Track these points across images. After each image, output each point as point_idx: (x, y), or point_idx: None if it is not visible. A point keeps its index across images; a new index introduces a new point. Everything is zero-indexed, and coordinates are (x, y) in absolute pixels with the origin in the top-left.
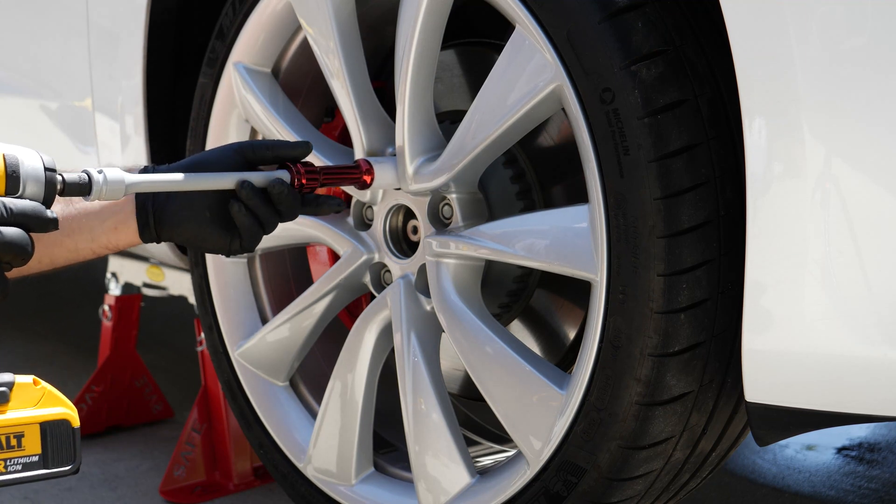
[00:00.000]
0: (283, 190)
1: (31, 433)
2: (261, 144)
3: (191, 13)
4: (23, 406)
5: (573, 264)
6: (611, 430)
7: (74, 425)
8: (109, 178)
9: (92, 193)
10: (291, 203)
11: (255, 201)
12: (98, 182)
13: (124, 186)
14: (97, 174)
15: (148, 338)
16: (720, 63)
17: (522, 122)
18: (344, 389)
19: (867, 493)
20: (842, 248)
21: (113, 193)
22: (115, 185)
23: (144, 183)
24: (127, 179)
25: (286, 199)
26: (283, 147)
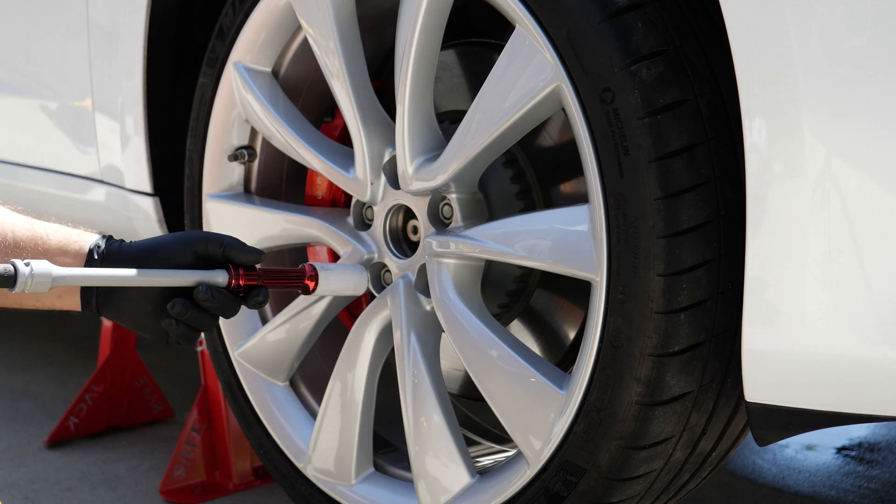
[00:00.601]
0: (209, 297)
1: None
2: (215, 240)
3: (191, 13)
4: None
5: (573, 264)
6: (611, 430)
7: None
8: (36, 272)
9: (16, 286)
10: (223, 306)
11: (188, 314)
12: (24, 274)
13: (51, 280)
14: (23, 267)
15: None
16: (720, 63)
17: (522, 123)
18: (344, 389)
19: (867, 493)
20: (842, 247)
21: (38, 287)
22: (41, 279)
23: (71, 278)
24: (54, 273)
25: (217, 304)
26: (234, 249)
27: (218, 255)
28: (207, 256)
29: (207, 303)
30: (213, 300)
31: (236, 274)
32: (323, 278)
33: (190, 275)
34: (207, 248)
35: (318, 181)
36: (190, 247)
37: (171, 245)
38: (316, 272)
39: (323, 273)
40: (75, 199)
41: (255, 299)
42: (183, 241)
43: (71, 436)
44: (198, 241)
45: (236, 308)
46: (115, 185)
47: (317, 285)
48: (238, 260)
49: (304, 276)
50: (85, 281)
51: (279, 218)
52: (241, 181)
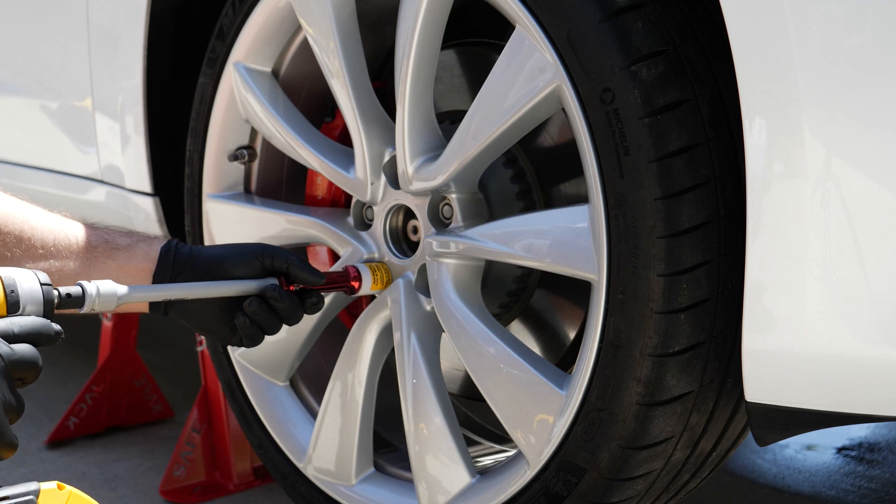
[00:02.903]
0: (278, 296)
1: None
2: (282, 257)
3: (191, 13)
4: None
5: (573, 264)
6: (611, 430)
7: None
8: (102, 291)
9: (85, 306)
10: (290, 308)
11: (262, 314)
12: (91, 295)
13: (116, 298)
14: (91, 287)
15: (148, 338)
16: (720, 63)
17: (522, 123)
18: (344, 389)
19: (867, 493)
20: (842, 247)
21: (105, 305)
22: (108, 298)
23: (136, 295)
24: (119, 292)
25: (285, 305)
26: (297, 268)
27: (282, 270)
28: (272, 270)
29: (277, 302)
30: (282, 300)
31: (288, 282)
32: (366, 278)
33: (248, 285)
34: (273, 263)
35: (318, 181)
36: (258, 258)
37: (239, 255)
38: (359, 273)
39: (365, 273)
40: (75, 199)
41: (310, 302)
42: (252, 252)
43: (71, 436)
44: (265, 255)
45: (300, 312)
46: (116, 185)
47: (361, 285)
48: (299, 279)
49: (349, 278)
50: (149, 298)
51: (279, 218)
52: (241, 181)
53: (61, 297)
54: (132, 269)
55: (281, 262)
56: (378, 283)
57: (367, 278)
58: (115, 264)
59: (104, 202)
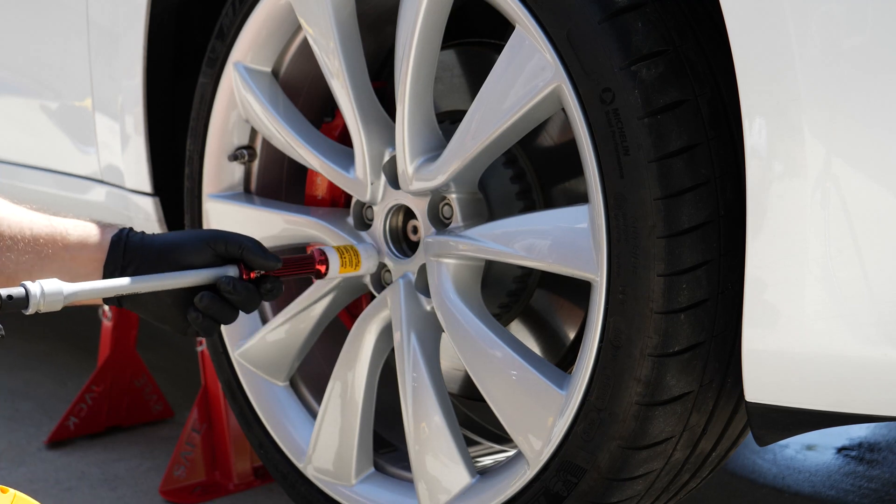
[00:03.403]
0: (231, 289)
1: None
2: (234, 242)
3: (191, 13)
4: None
5: (573, 264)
6: (611, 430)
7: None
8: (47, 291)
9: (29, 307)
10: (245, 298)
11: (214, 307)
12: (35, 296)
13: (62, 298)
14: (34, 288)
15: (148, 338)
16: (720, 63)
17: (522, 123)
18: (344, 389)
19: (867, 493)
20: (842, 247)
21: (51, 305)
22: (53, 298)
23: (83, 293)
24: (65, 290)
25: (240, 296)
26: (252, 253)
27: (236, 256)
28: (226, 256)
29: (231, 294)
30: (237, 292)
31: (247, 269)
32: (332, 260)
33: (201, 274)
34: (227, 249)
35: (318, 181)
36: (210, 245)
37: (192, 243)
38: (325, 255)
39: (332, 255)
40: (75, 199)
41: (265, 288)
42: (204, 239)
43: (71, 436)
44: (218, 241)
45: (256, 300)
46: (116, 185)
47: (328, 268)
48: (254, 265)
49: (315, 262)
50: (96, 294)
51: (279, 218)
52: (241, 181)
53: (2, 299)
54: (84, 259)
55: (234, 247)
56: (347, 265)
57: (334, 261)
58: (68, 255)
59: (104, 202)
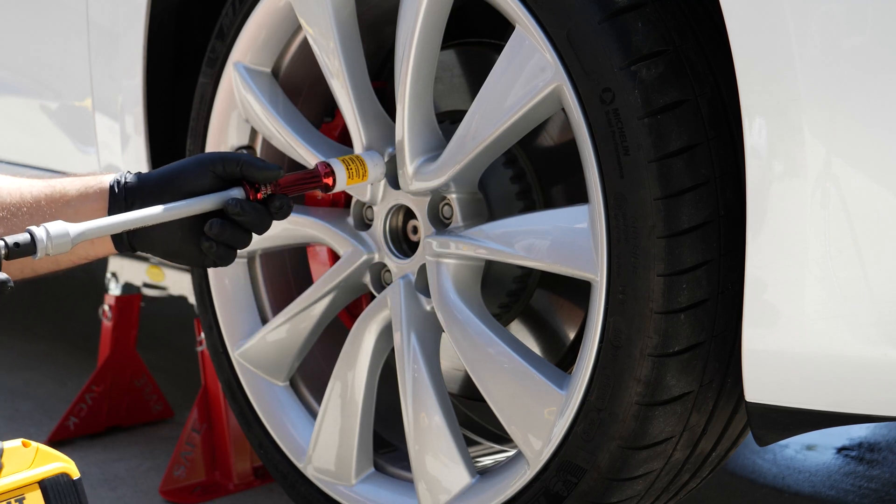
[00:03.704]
0: (240, 210)
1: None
2: (232, 160)
3: (191, 13)
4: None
5: (573, 264)
6: (611, 430)
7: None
8: (52, 234)
9: (38, 252)
10: (255, 219)
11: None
12: (42, 240)
13: (69, 239)
14: (40, 232)
15: (148, 338)
16: (720, 63)
17: (522, 123)
18: (344, 389)
19: (867, 493)
20: (842, 247)
21: (59, 248)
22: (60, 240)
23: (89, 231)
24: (71, 231)
25: (249, 218)
26: (251, 166)
27: (236, 173)
28: (226, 176)
29: (240, 216)
30: (245, 213)
31: (253, 188)
32: (339, 173)
33: (207, 200)
34: (225, 168)
35: None
36: (208, 168)
37: (189, 170)
38: (331, 167)
39: (338, 167)
40: None
41: (274, 206)
42: (201, 162)
43: (71, 436)
44: (216, 162)
45: (268, 221)
46: None
47: (335, 180)
48: (255, 177)
49: (321, 176)
50: (103, 231)
51: None
52: None
53: (8, 246)
54: (87, 211)
55: (233, 165)
56: (354, 176)
57: (340, 173)
58: (71, 210)
59: None
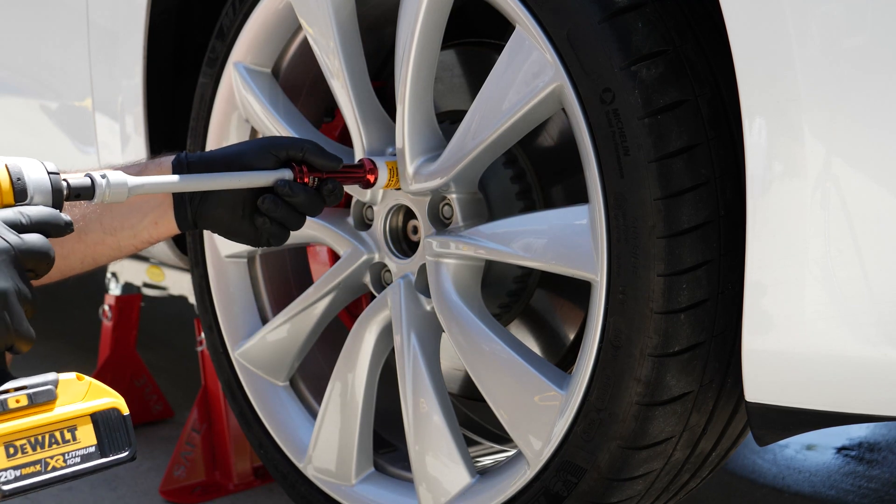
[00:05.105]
0: (289, 191)
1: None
2: (296, 145)
3: (191, 13)
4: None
5: (573, 264)
6: (611, 430)
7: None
8: (112, 182)
9: (95, 196)
10: (305, 201)
11: (278, 211)
12: (101, 185)
13: (127, 189)
14: (100, 178)
15: (148, 338)
16: (720, 63)
17: (522, 123)
18: (344, 389)
19: (867, 493)
20: (842, 247)
21: (116, 196)
22: (118, 188)
23: (147, 185)
24: (130, 182)
25: (300, 199)
26: (313, 154)
27: (298, 159)
28: (288, 160)
29: (290, 197)
30: (294, 193)
31: (300, 171)
32: (382, 171)
33: (258, 176)
34: (288, 154)
35: None
36: (271, 151)
37: (253, 151)
38: (375, 166)
39: (381, 167)
40: None
41: (326, 189)
42: (264, 146)
43: None
44: (279, 147)
45: (319, 204)
46: None
47: (377, 178)
48: (316, 165)
49: (365, 171)
50: (158, 188)
51: None
52: None
53: (70, 187)
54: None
55: (296, 150)
56: (392, 180)
57: (383, 173)
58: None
59: None
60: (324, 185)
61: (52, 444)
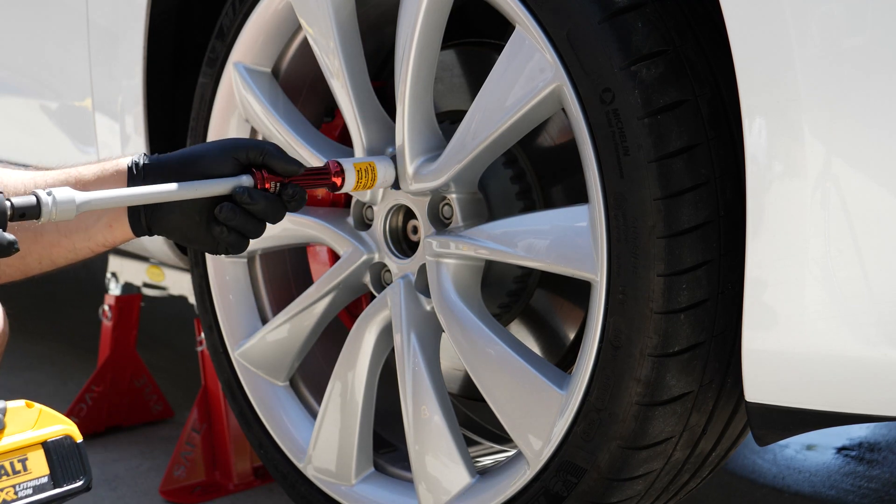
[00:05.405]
0: (249, 199)
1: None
2: (255, 148)
3: (191, 13)
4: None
5: (573, 264)
6: (611, 430)
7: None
8: (59, 199)
9: (42, 216)
10: (265, 208)
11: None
12: (47, 204)
13: (75, 206)
14: (45, 196)
15: (148, 338)
16: (720, 63)
17: (522, 123)
18: (344, 389)
19: (867, 493)
20: (842, 247)
21: (64, 214)
22: (66, 206)
23: (95, 201)
24: (77, 199)
25: (259, 207)
26: (273, 157)
27: (258, 162)
28: (248, 164)
29: (249, 205)
30: (254, 201)
31: (261, 177)
32: (349, 173)
33: (216, 184)
34: (248, 156)
35: None
36: (231, 154)
37: (212, 154)
38: (341, 167)
39: (349, 170)
40: None
41: (287, 195)
42: (224, 148)
43: None
44: (239, 149)
45: (280, 210)
46: None
47: (344, 181)
48: (277, 169)
49: (331, 174)
50: (108, 203)
51: None
52: None
53: (14, 207)
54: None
55: (256, 154)
56: (363, 182)
57: (350, 177)
58: None
59: None
60: (285, 191)
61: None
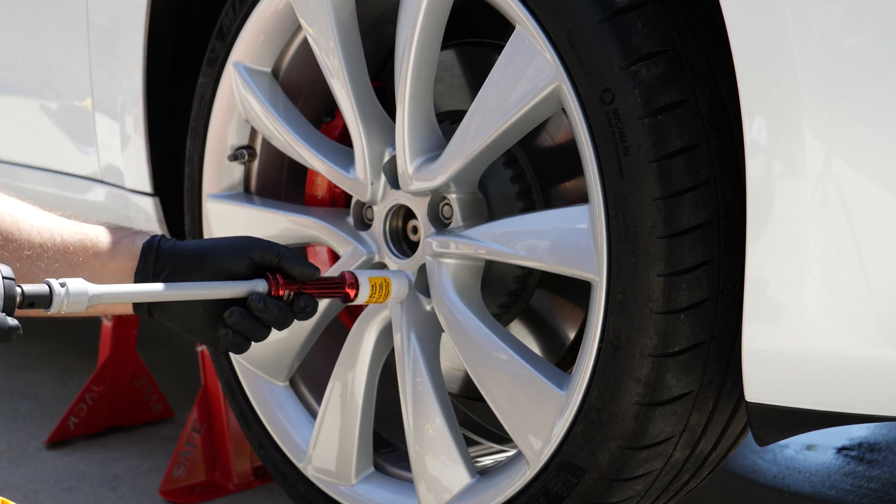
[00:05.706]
0: (262, 306)
1: None
2: (271, 250)
3: (191, 13)
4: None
5: (573, 264)
6: (611, 430)
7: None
8: (72, 291)
9: (52, 307)
10: (276, 316)
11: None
12: (59, 294)
13: (87, 298)
14: (59, 287)
15: (148, 338)
16: (720, 63)
17: (522, 123)
18: (344, 389)
19: (867, 493)
20: (842, 247)
21: (75, 306)
22: (78, 298)
23: (108, 295)
24: (90, 292)
25: (270, 315)
26: (289, 261)
27: (273, 264)
28: (262, 265)
29: (261, 312)
30: (267, 309)
31: (276, 283)
32: (363, 287)
33: (231, 287)
34: (263, 257)
35: (318, 181)
36: (246, 253)
37: (225, 250)
38: (356, 280)
39: (364, 283)
40: (75, 199)
41: (299, 306)
42: (239, 247)
43: (71, 436)
44: (254, 249)
45: (290, 319)
46: (115, 185)
47: (357, 293)
48: (292, 272)
49: (345, 285)
50: (121, 298)
51: (279, 218)
52: (241, 181)
53: (24, 294)
54: (115, 267)
55: (271, 256)
56: (376, 296)
57: (364, 290)
58: (98, 263)
59: (104, 202)
60: (297, 301)
61: None
